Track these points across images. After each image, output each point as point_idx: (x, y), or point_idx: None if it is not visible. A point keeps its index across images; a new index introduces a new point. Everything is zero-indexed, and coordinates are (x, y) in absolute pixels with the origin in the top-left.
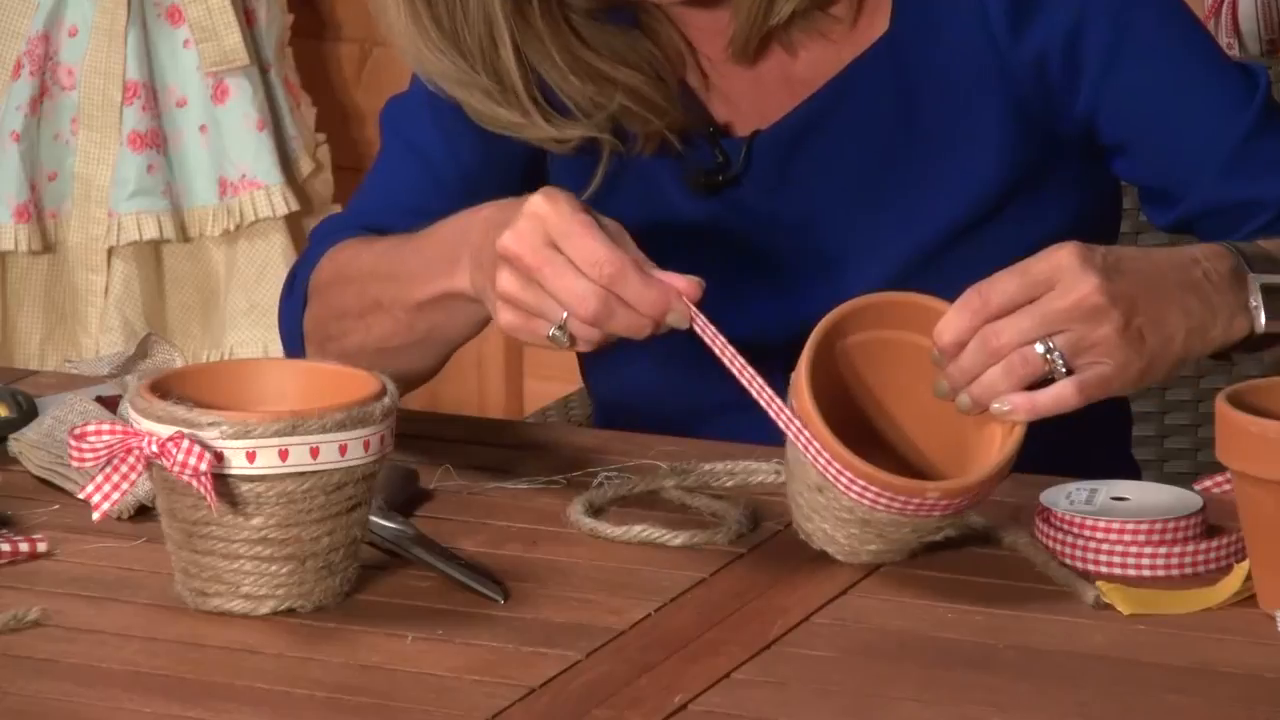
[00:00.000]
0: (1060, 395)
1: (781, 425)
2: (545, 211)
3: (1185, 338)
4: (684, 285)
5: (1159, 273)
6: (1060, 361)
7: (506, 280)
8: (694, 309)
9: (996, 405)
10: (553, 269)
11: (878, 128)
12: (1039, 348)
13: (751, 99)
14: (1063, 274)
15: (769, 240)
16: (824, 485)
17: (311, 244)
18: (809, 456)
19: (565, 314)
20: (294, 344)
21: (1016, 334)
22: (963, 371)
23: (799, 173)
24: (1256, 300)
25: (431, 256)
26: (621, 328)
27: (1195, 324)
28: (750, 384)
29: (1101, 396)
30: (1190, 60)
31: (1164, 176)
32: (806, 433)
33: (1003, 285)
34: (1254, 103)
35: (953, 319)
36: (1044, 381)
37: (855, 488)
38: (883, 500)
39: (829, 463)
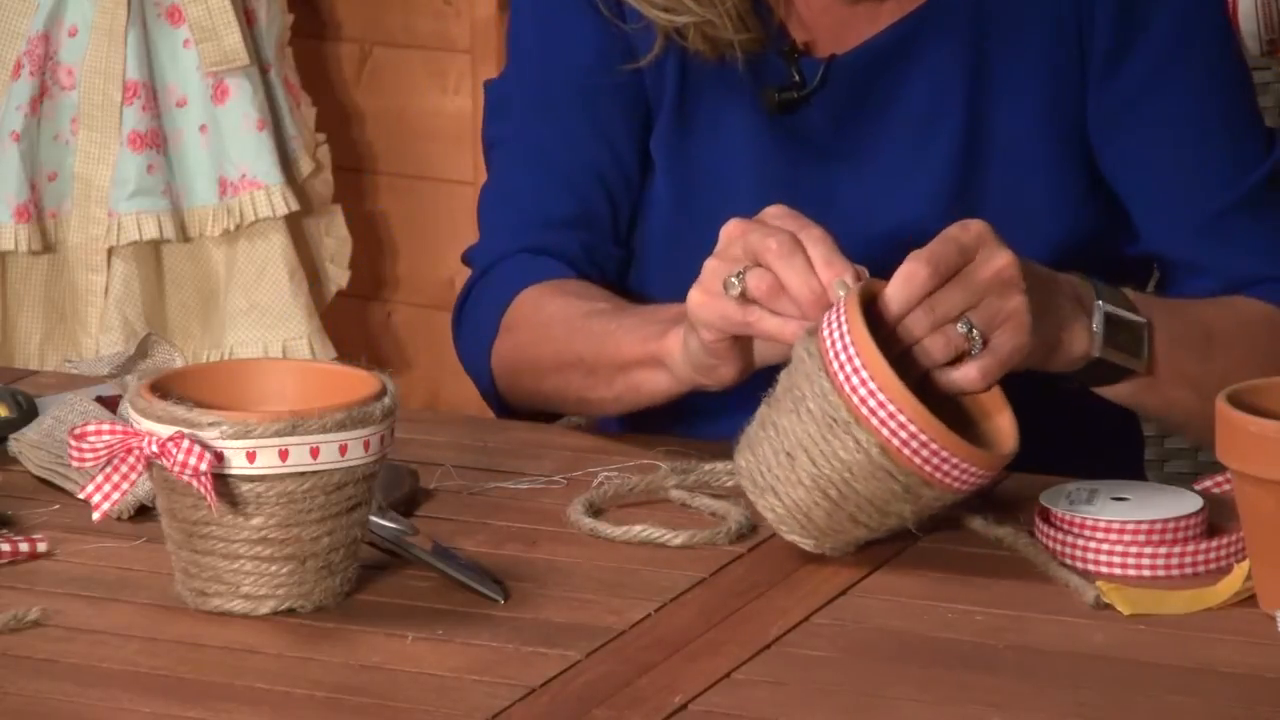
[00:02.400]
0: (966, 376)
1: (875, 421)
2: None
3: (1055, 334)
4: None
5: (1035, 270)
6: (978, 338)
7: (711, 263)
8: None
9: None
10: (751, 225)
11: (946, 68)
12: (960, 327)
13: (831, 23)
14: (983, 243)
15: (826, 166)
16: (910, 481)
17: (481, 273)
18: (908, 446)
19: (744, 268)
20: (482, 376)
21: (950, 306)
22: (910, 336)
23: (867, 101)
24: (1098, 325)
25: (647, 320)
26: (795, 269)
27: (1057, 326)
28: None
29: (1001, 375)
30: (1216, 115)
31: (1142, 213)
32: (925, 434)
33: (942, 254)
34: (1255, 175)
35: (900, 290)
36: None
37: (955, 472)
38: (975, 479)
39: (935, 450)
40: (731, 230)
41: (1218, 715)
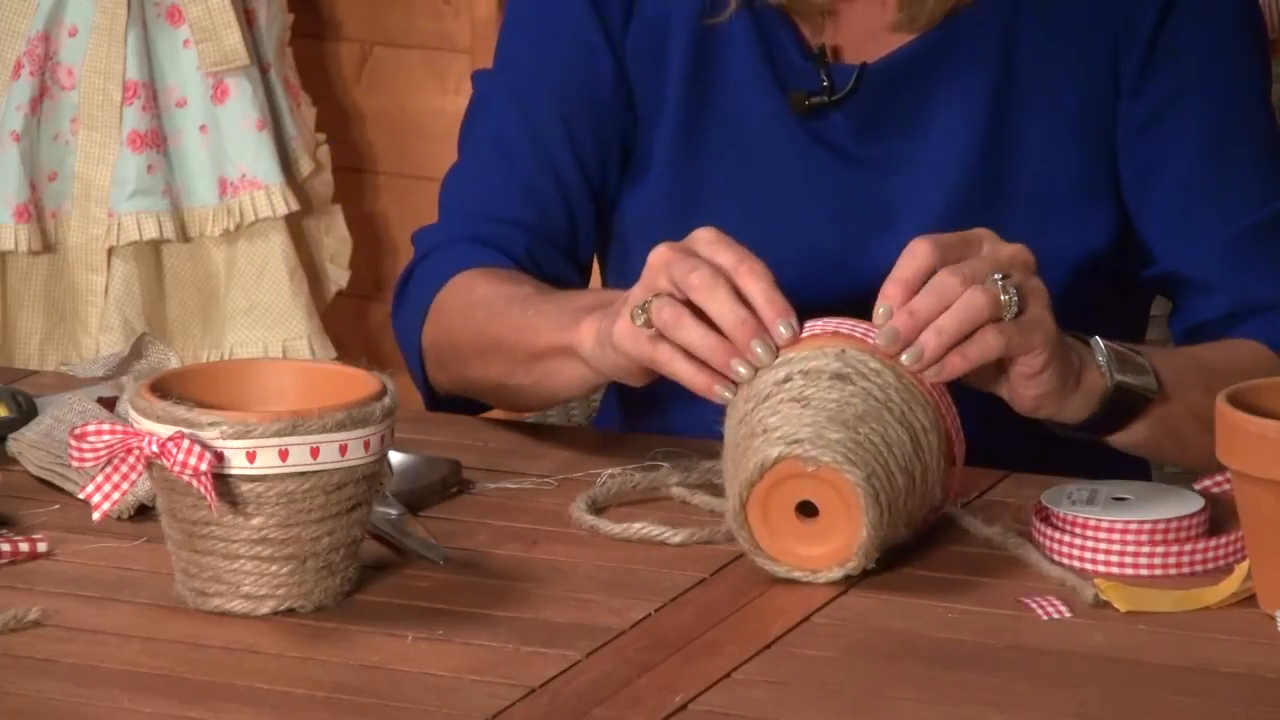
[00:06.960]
0: (984, 342)
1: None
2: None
3: (1072, 360)
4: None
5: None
6: (1014, 301)
7: (635, 290)
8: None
9: (932, 372)
10: (677, 254)
11: (975, 81)
12: (997, 276)
13: (861, 30)
14: (988, 237)
15: (847, 171)
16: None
17: (424, 255)
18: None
19: (651, 299)
20: (413, 356)
21: (971, 273)
22: (915, 317)
23: (894, 110)
24: (1102, 357)
25: (561, 310)
26: (718, 300)
27: (1073, 351)
28: None
29: (1023, 350)
30: (1241, 139)
31: (1159, 230)
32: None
33: (945, 239)
34: (1278, 202)
35: (909, 263)
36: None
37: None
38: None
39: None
40: (657, 258)
41: (1218, 715)
